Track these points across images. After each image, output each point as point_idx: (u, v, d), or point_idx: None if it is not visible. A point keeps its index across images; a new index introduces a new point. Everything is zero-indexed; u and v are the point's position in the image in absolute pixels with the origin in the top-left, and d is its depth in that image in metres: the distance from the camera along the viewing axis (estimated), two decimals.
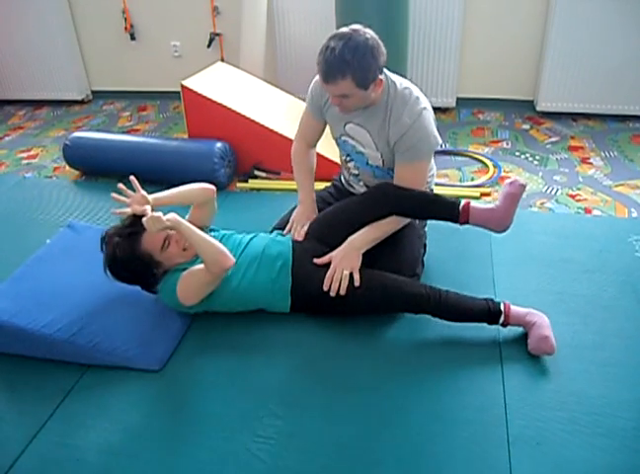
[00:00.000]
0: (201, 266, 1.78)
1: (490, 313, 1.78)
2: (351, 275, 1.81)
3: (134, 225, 1.84)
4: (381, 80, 1.77)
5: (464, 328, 1.83)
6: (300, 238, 1.98)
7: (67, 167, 3.20)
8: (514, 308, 1.79)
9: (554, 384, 1.65)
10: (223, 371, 1.75)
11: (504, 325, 1.79)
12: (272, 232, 2.11)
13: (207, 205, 2.06)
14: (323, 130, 2.14)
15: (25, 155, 3.51)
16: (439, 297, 1.78)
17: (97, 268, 1.85)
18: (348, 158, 2.10)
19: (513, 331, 1.82)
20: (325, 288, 1.82)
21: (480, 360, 1.74)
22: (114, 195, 1.89)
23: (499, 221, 1.87)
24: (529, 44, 3.54)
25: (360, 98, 1.78)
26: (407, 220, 1.96)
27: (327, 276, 1.83)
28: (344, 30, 1.71)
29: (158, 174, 2.93)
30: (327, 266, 1.86)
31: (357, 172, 2.10)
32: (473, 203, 1.87)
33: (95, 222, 2.60)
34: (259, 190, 2.93)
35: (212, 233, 2.03)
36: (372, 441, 1.51)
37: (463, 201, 1.87)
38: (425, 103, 1.87)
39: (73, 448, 1.53)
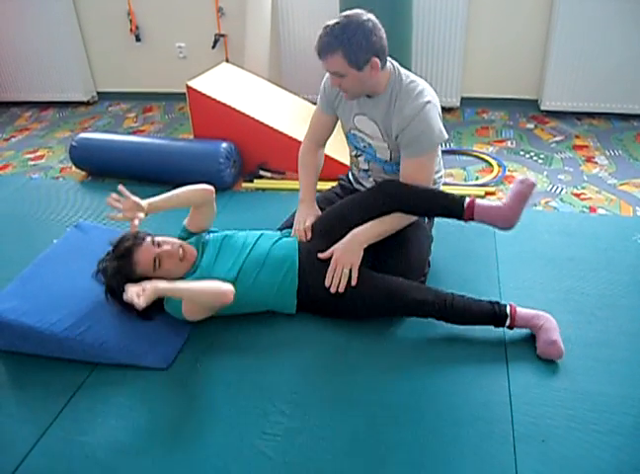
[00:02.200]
0: None
1: (496, 316, 1.77)
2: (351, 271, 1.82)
3: (123, 253, 1.82)
4: (377, 63, 1.78)
5: (470, 327, 1.83)
6: (306, 239, 1.97)
7: (74, 168, 3.22)
8: (520, 310, 1.78)
9: (559, 381, 1.65)
10: (229, 369, 1.76)
11: (510, 327, 1.78)
12: (280, 230, 2.10)
13: (206, 207, 2.04)
14: (333, 127, 2.16)
15: (31, 156, 3.54)
16: (445, 302, 1.77)
17: None
18: (357, 153, 2.11)
19: (518, 330, 1.82)
20: (327, 284, 1.83)
21: (486, 358, 1.75)
22: (109, 200, 1.87)
23: (505, 219, 1.84)
24: (533, 44, 3.54)
25: (356, 79, 1.80)
26: (412, 217, 1.94)
27: (328, 271, 1.84)
28: (347, 12, 1.79)
29: (164, 174, 2.95)
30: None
31: (366, 167, 2.11)
32: (479, 200, 1.85)
33: (102, 222, 2.62)
34: (264, 189, 2.94)
35: (212, 234, 2.02)
36: (378, 439, 1.51)
37: (468, 198, 1.85)
38: (430, 96, 1.88)
39: (81, 445, 1.54)
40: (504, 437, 1.49)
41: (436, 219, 2.21)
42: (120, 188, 1.90)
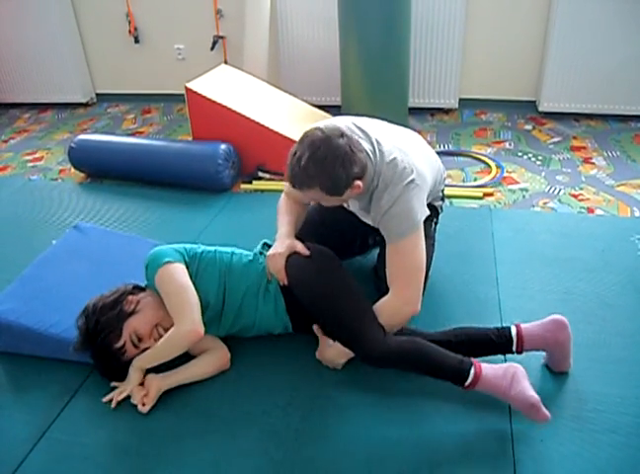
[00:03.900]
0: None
1: (498, 346, 1.67)
2: None
3: (106, 349, 1.66)
4: (359, 185, 1.60)
5: None
6: (284, 282, 1.75)
7: (72, 169, 3.22)
8: (527, 330, 1.64)
9: (557, 382, 1.66)
10: (230, 369, 1.77)
11: (519, 352, 1.67)
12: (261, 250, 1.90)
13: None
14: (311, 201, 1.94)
15: (30, 158, 3.54)
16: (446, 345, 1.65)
17: (103, 268, 1.86)
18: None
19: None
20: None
21: (484, 359, 1.75)
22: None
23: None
24: (531, 45, 3.55)
25: (334, 200, 1.67)
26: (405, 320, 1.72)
27: (317, 355, 1.76)
28: (316, 132, 1.57)
29: (163, 176, 2.96)
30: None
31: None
32: (485, 373, 1.55)
33: (101, 224, 2.62)
34: (263, 191, 2.95)
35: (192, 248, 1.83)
36: (377, 438, 1.52)
37: (474, 372, 1.54)
38: (413, 172, 1.67)
39: (80, 447, 1.54)
40: (502, 438, 1.50)
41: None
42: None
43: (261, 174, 3.01)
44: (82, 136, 3.17)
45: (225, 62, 3.85)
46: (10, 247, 2.53)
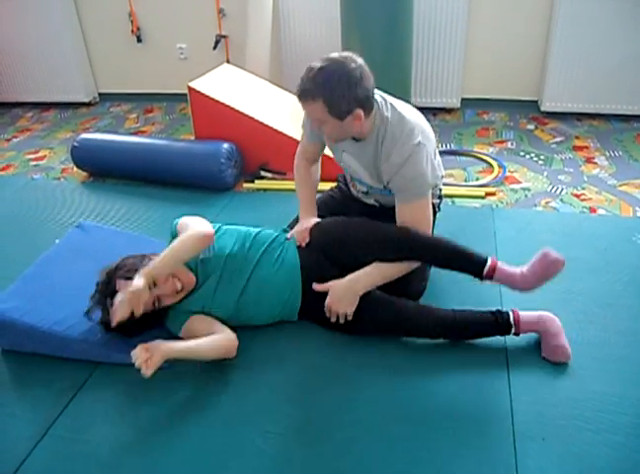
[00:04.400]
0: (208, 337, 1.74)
1: (499, 327, 1.75)
2: None
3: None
4: (360, 115, 1.69)
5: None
6: (304, 243, 1.91)
7: (75, 168, 3.23)
8: (523, 316, 1.75)
9: (559, 381, 1.66)
10: (232, 368, 1.77)
11: (516, 335, 1.76)
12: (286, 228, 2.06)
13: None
14: (322, 150, 2.11)
15: (33, 157, 3.55)
16: (448, 324, 1.75)
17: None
18: (352, 179, 2.08)
19: None
20: (327, 315, 1.82)
21: (486, 357, 1.75)
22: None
23: (524, 286, 1.77)
24: (534, 45, 3.55)
25: (336, 127, 1.73)
26: (415, 264, 1.84)
27: (325, 308, 1.81)
28: (334, 54, 1.68)
29: (165, 175, 2.97)
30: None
31: (365, 190, 2.05)
32: (500, 265, 1.77)
33: (103, 223, 2.63)
34: (265, 190, 2.95)
35: (212, 250, 1.89)
36: (379, 437, 1.52)
37: (490, 261, 1.77)
38: (420, 135, 1.76)
39: (84, 444, 1.55)
40: (504, 436, 1.50)
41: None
42: (119, 283, 1.75)
43: (263, 173, 3.01)
44: (85, 135, 3.18)
45: (228, 61, 3.85)
46: (13, 246, 2.53)
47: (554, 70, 3.43)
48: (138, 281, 1.62)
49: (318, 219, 1.99)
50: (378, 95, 1.82)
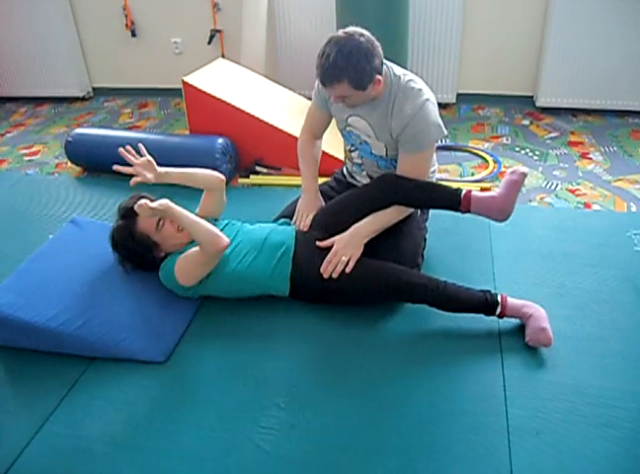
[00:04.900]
0: (197, 248, 1.83)
1: (487, 304, 1.80)
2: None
3: (130, 210, 1.90)
4: (379, 79, 1.81)
5: (465, 319, 1.85)
6: (305, 228, 2.02)
7: (69, 163, 3.22)
8: (510, 300, 1.81)
9: (554, 375, 1.67)
10: (227, 363, 1.77)
11: (500, 316, 1.81)
12: (275, 221, 2.15)
13: (216, 194, 2.13)
14: (329, 122, 2.18)
15: (27, 152, 3.53)
16: (437, 288, 1.80)
17: (100, 261, 1.86)
18: (352, 148, 2.13)
19: (512, 323, 1.84)
20: (322, 270, 1.86)
21: (480, 351, 1.76)
22: (123, 151, 1.94)
23: (500, 209, 1.89)
24: (529, 40, 3.55)
25: (359, 97, 1.84)
26: (410, 210, 1.99)
27: (327, 258, 1.87)
28: (340, 34, 1.76)
29: None
30: (328, 252, 1.89)
31: (360, 161, 2.14)
32: (475, 192, 1.90)
33: (97, 218, 2.62)
34: (260, 185, 2.94)
35: (216, 222, 2.06)
36: (373, 431, 1.52)
37: (465, 190, 1.90)
38: (428, 94, 1.90)
39: (78, 439, 1.55)
40: (498, 431, 1.51)
41: (431, 213, 2.22)
42: (140, 146, 1.99)
43: (258, 168, 3.00)
44: (79, 130, 3.16)
45: (222, 56, 3.84)
46: (6, 241, 2.52)
47: (549, 66, 3.43)
48: (162, 201, 1.80)
49: (320, 201, 2.13)
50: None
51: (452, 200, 1.90)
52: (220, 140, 2.88)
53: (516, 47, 3.59)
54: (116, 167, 1.94)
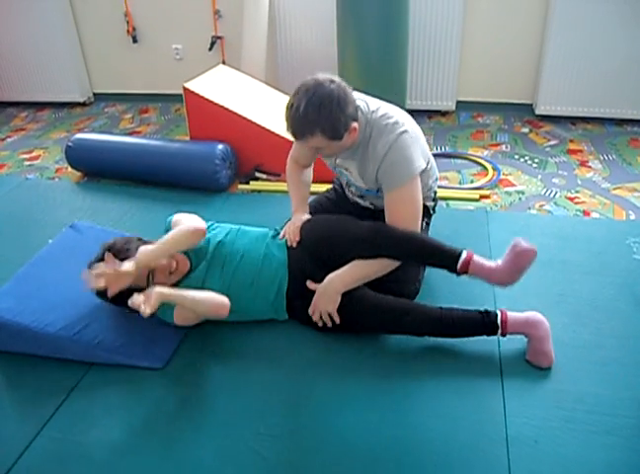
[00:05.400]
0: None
1: (486, 327, 1.74)
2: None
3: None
4: (355, 127, 1.72)
5: None
6: (295, 242, 1.92)
7: (69, 168, 3.22)
8: (511, 317, 1.73)
9: (552, 383, 1.67)
10: (225, 369, 1.77)
11: (503, 335, 1.75)
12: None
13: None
14: (314, 158, 2.13)
15: (27, 156, 3.53)
16: (436, 320, 1.74)
17: None
18: (347, 183, 2.09)
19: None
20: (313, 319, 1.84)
21: (479, 360, 1.76)
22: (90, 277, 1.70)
23: (499, 280, 1.76)
24: (529, 48, 3.57)
25: (336, 147, 1.76)
26: (396, 264, 1.82)
27: (310, 309, 1.84)
28: (308, 82, 1.68)
29: (160, 175, 2.96)
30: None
31: (358, 193, 2.08)
32: (476, 258, 1.77)
33: (97, 223, 2.62)
34: (260, 191, 2.95)
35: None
36: (372, 440, 1.52)
37: (465, 254, 1.76)
38: (406, 125, 1.79)
39: (76, 445, 1.54)
40: (497, 439, 1.50)
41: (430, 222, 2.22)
42: (107, 257, 1.77)
43: (258, 174, 3.01)
44: (79, 135, 3.17)
45: (223, 63, 3.85)
46: (6, 246, 2.52)
47: (549, 74, 3.45)
48: (129, 265, 1.67)
49: (309, 216, 2.00)
50: (358, 96, 1.82)
51: (449, 265, 1.78)
52: (220, 146, 2.88)
53: (515, 55, 3.61)
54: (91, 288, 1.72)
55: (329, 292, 1.79)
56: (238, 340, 1.88)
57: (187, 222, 1.87)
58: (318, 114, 1.63)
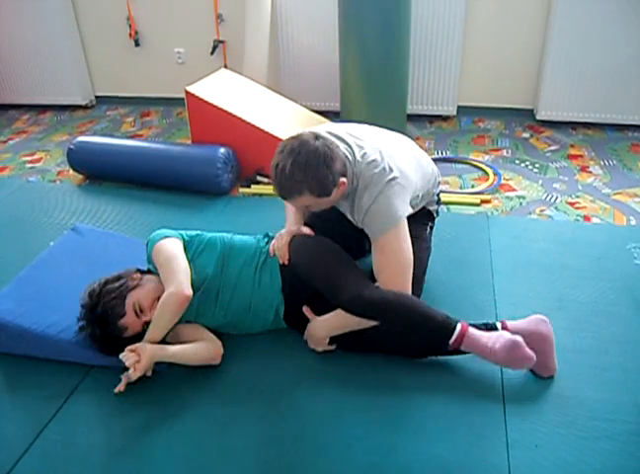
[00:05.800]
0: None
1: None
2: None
3: (107, 321, 1.71)
4: (344, 182, 1.67)
5: None
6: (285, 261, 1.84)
7: (71, 171, 3.23)
8: (513, 328, 1.69)
9: (553, 388, 1.66)
10: (226, 373, 1.77)
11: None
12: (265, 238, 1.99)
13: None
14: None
15: (29, 159, 3.54)
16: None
17: (100, 270, 1.86)
18: None
19: None
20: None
21: (479, 364, 1.75)
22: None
23: (493, 360, 1.63)
24: (530, 54, 3.57)
25: (325, 203, 1.72)
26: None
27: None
28: (292, 141, 1.63)
29: (161, 179, 2.96)
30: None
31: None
32: (471, 332, 1.64)
33: (98, 226, 2.62)
34: (261, 195, 2.95)
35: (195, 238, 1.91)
36: (373, 444, 1.52)
37: (459, 329, 1.63)
38: (392, 172, 1.70)
39: (76, 447, 1.54)
40: (497, 444, 1.50)
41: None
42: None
43: (259, 178, 3.01)
44: (81, 138, 3.18)
45: (225, 67, 3.86)
46: (7, 248, 2.52)
47: (550, 79, 3.46)
48: (134, 374, 1.61)
49: (295, 229, 1.89)
50: (343, 142, 1.75)
51: (440, 341, 1.67)
52: (222, 150, 2.89)
53: (516, 61, 3.62)
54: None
55: (315, 337, 1.79)
56: (240, 344, 1.88)
57: (168, 276, 1.72)
58: (305, 173, 1.59)
